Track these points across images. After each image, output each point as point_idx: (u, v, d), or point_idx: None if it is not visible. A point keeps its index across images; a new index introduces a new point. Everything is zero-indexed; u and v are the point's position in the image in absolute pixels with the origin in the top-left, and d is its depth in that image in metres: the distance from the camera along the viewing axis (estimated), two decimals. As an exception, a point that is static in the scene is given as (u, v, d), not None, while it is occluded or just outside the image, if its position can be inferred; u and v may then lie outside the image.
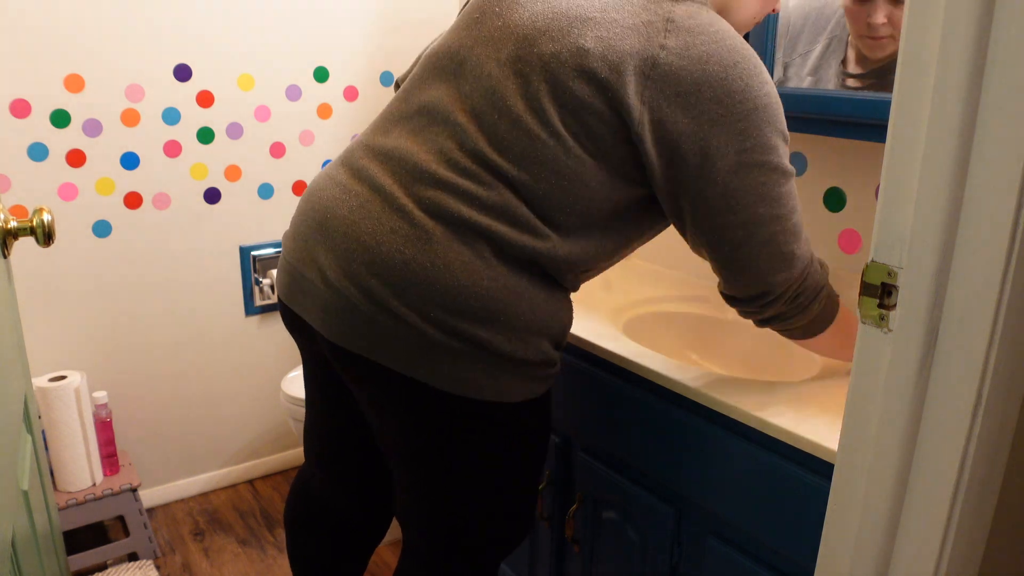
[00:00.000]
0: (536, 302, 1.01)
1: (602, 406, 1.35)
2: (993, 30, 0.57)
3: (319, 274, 1.03)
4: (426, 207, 0.98)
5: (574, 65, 0.96)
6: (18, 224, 0.99)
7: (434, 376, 1.00)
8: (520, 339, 1.01)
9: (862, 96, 1.19)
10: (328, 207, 1.04)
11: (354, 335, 1.00)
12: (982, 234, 0.60)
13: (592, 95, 0.96)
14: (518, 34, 1.00)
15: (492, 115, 0.99)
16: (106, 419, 1.90)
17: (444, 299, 0.96)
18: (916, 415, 0.67)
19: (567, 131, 0.98)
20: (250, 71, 2.07)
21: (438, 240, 0.97)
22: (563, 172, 0.98)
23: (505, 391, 1.04)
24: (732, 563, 1.16)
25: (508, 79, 0.99)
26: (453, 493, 1.13)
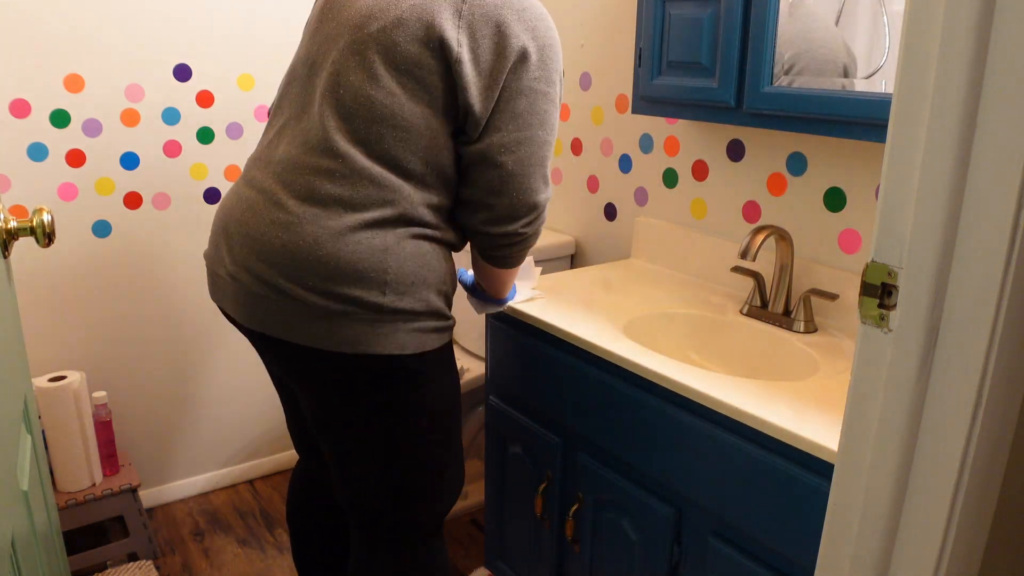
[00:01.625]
0: (403, 256, 1.13)
1: (602, 406, 1.35)
2: (993, 30, 0.57)
3: (225, 270, 1.20)
4: (297, 194, 1.13)
5: (400, 31, 1.12)
6: (18, 224, 0.99)
7: (324, 339, 1.12)
8: (394, 292, 1.13)
9: (862, 96, 1.19)
10: (228, 214, 1.21)
11: (257, 316, 1.16)
12: (982, 234, 0.60)
13: (419, 50, 1.11)
14: (351, 24, 1.16)
15: (338, 92, 1.14)
16: (106, 419, 1.90)
17: (317, 268, 1.10)
18: (916, 415, 0.67)
19: (403, 88, 1.12)
20: (250, 71, 2.07)
21: (308, 220, 1.11)
22: (404, 126, 1.13)
23: (393, 343, 1.14)
24: (732, 563, 1.16)
25: (348, 60, 1.14)
26: (372, 456, 1.22)
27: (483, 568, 1.86)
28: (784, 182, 1.52)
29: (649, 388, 1.25)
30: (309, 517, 1.49)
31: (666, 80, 1.49)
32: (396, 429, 1.21)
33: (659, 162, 1.79)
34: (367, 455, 1.23)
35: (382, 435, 1.21)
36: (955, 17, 0.58)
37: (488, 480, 1.71)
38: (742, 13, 1.32)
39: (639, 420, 1.27)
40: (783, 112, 1.29)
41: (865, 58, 1.31)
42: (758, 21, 1.30)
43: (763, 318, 1.47)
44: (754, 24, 1.30)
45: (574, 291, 1.61)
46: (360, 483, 1.26)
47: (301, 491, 1.50)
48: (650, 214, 1.84)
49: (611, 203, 1.93)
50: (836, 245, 1.45)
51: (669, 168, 1.77)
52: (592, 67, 1.90)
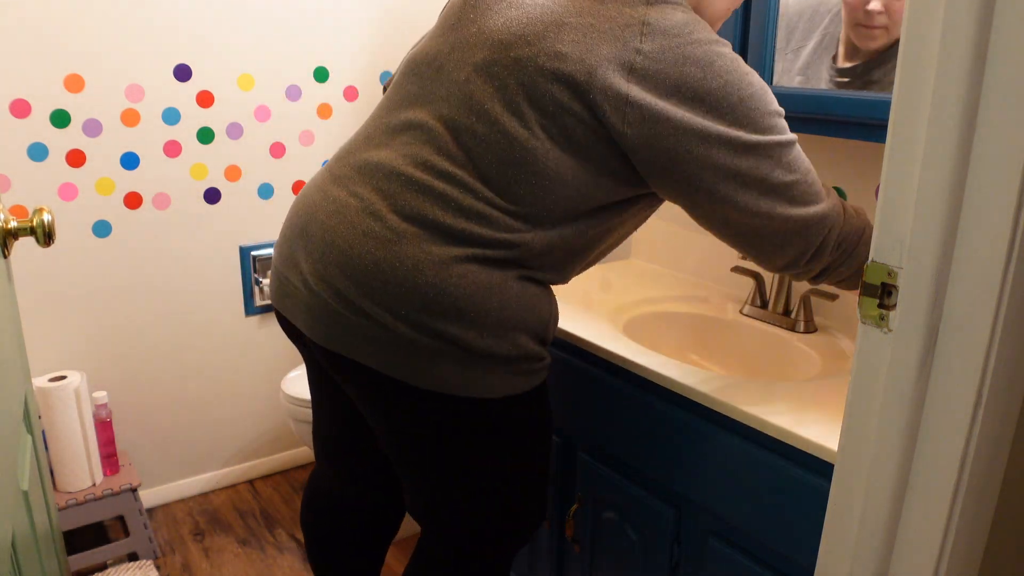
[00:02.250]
0: (507, 298, 1.02)
1: (602, 406, 1.35)
2: (993, 30, 0.57)
3: (300, 277, 1.07)
4: (400, 210, 1.00)
5: (551, 69, 0.97)
6: (18, 224, 0.99)
7: (409, 373, 1.02)
8: (492, 334, 1.02)
9: (862, 96, 1.19)
10: (310, 213, 1.08)
11: (333, 335, 1.03)
12: (982, 234, 0.60)
13: (570, 99, 0.97)
14: (493, 39, 1.02)
15: (468, 118, 1.01)
16: (106, 419, 1.90)
17: (414, 297, 0.98)
18: (916, 415, 0.67)
19: (545, 133, 0.99)
20: (250, 71, 2.07)
21: (409, 241, 0.99)
22: (542, 172, 1.00)
23: (481, 386, 1.04)
24: (732, 563, 1.16)
25: (484, 84, 1.01)
26: (448, 492, 1.14)
27: (483, 568, 1.85)
28: (784, 182, 1.52)
29: (649, 388, 1.25)
30: (329, 525, 1.43)
31: (666, 80, 1.49)
32: (476, 468, 1.12)
33: (659, 162, 1.79)
34: (442, 486, 1.14)
35: (464, 470, 1.12)
36: (955, 17, 0.58)
37: (488, 480, 1.71)
38: (742, 13, 1.32)
39: (639, 420, 1.27)
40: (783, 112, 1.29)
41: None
42: (758, 21, 1.30)
43: (763, 318, 1.47)
44: (754, 24, 1.30)
45: (574, 291, 1.61)
46: (431, 506, 1.18)
47: (320, 499, 1.43)
48: (650, 214, 1.84)
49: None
50: (836, 245, 1.45)
51: (669, 168, 1.76)
52: (592, 67, 1.90)
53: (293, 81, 2.13)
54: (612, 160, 1.00)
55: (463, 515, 1.17)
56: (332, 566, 1.46)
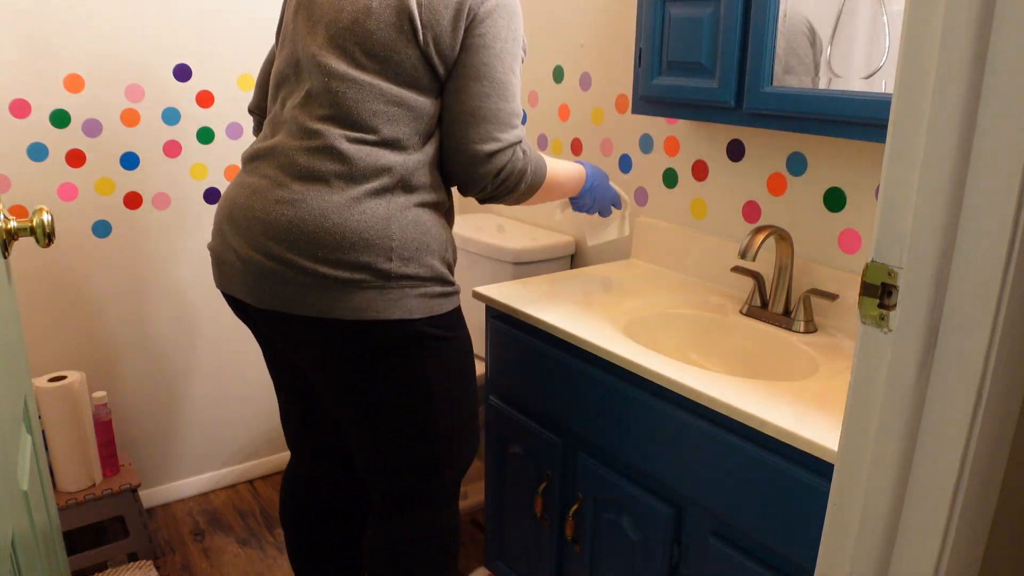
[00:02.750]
0: (405, 223, 1.19)
1: (602, 406, 1.35)
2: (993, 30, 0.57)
3: (234, 254, 1.23)
4: (298, 175, 1.19)
5: (373, 17, 1.19)
6: (18, 224, 0.99)
7: (335, 309, 1.17)
8: (400, 257, 1.18)
9: (862, 96, 1.19)
10: (232, 201, 1.26)
11: (269, 294, 1.20)
12: (982, 234, 0.60)
13: (393, 33, 1.18)
14: (325, 19, 1.23)
15: (325, 81, 1.21)
16: (106, 419, 1.90)
17: (325, 239, 1.15)
18: (916, 415, 0.67)
19: (381, 69, 1.20)
20: (250, 71, 2.07)
21: (312, 196, 1.17)
22: (391, 101, 1.20)
23: (402, 309, 1.19)
24: (732, 563, 1.16)
25: (329, 52, 1.21)
26: (388, 421, 1.27)
27: (483, 568, 1.86)
28: (784, 182, 1.52)
29: (649, 388, 1.25)
30: (303, 515, 1.52)
31: (666, 80, 1.49)
32: (409, 394, 1.25)
33: (659, 162, 1.79)
34: (383, 421, 1.27)
35: (396, 400, 1.25)
36: (955, 17, 0.58)
37: (488, 480, 1.71)
38: (742, 13, 1.32)
39: (639, 420, 1.27)
40: (783, 112, 1.29)
41: (865, 58, 1.30)
42: (758, 21, 1.30)
43: (763, 318, 1.47)
44: (754, 24, 1.30)
45: (574, 291, 1.61)
46: (377, 449, 1.31)
47: (293, 489, 1.52)
48: (650, 214, 1.84)
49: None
50: (836, 245, 1.45)
51: (669, 168, 1.77)
52: (592, 67, 1.90)
53: (293, 81, 2.13)
54: (425, 74, 1.22)
55: (404, 449, 1.29)
56: (309, 553, 1.52)
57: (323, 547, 1.52)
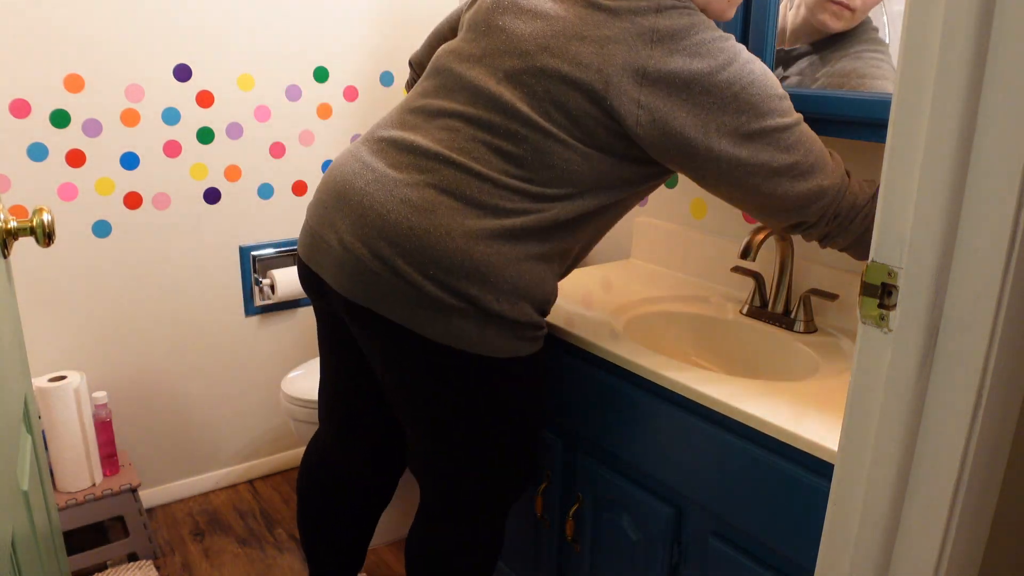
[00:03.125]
0: (522, 270, 1.15)
1: (602, 406, 1.35)
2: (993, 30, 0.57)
3: (336, 237, 1.18)
4: (435, 184, 1.13)
5: (573, 78, 1.10)
6: (18, 224, 0.99)
7: (429, 327, 1.14)
8: (506, 300, 1.14)
9: (862, 96, 1.18)
10: (347, 179, 1.19)
11: (363, 290, 1.15)
12: (982, 234, 0.60)
13: (590, 105, 1.10)
14: (521, 49, 1.15)
15: (500, 117, 1.14)
16: (106, 419, 1.90)
17: (442, 260, 1.11)
18: (916, 415, 0.67)
19: (567, 134, 1.12)
20: (250, 71, 2.07)
21: (443, 212, 1.12)
22: (567, 163, 1.13)
23: (493, 345, 1.17)
24: (732, 563, 1.16)
25: (515, 89, 1.14)
26: (449, 444, 1.26)
27: (483, 568, 1.86)
28: (784, 182, 1.52)
29: (649, 388, 1.25)
30: (319, 487, 1.53)
31: (666, 80, 1.49)
32: (477, 421, 1.24)
33: (659, 162, 1.79)
34: (447, 438, 1.26)
35: (463, 424, 1.24)
36: (955, 17, 0.58)
37: (488, 480, 1.71)
38: (742, 13, 1.32)
39: (639, 420, 1.27)
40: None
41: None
42: (758, 21, 1.30)
43: (763, 318, 1.47)
44: (754, 24, 1.30)
45: (574, 291, 1.61)
46: (436, 461, 1.30)
47: (314, 459, 1.54)
48: (650, 214, 1.84)
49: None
50: (836, 245, 1.45)
51: (669, 168, 1.77)
52: (592, 67, 1.90)
53: (293, 81, 2.13)
54: (633, 149, 1.14)
55: (462, 467, 1.28)
56: (320, 529, 1.54)
57: (332, 521, 1.54)
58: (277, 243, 2.22)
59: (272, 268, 2.22)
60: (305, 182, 2.23)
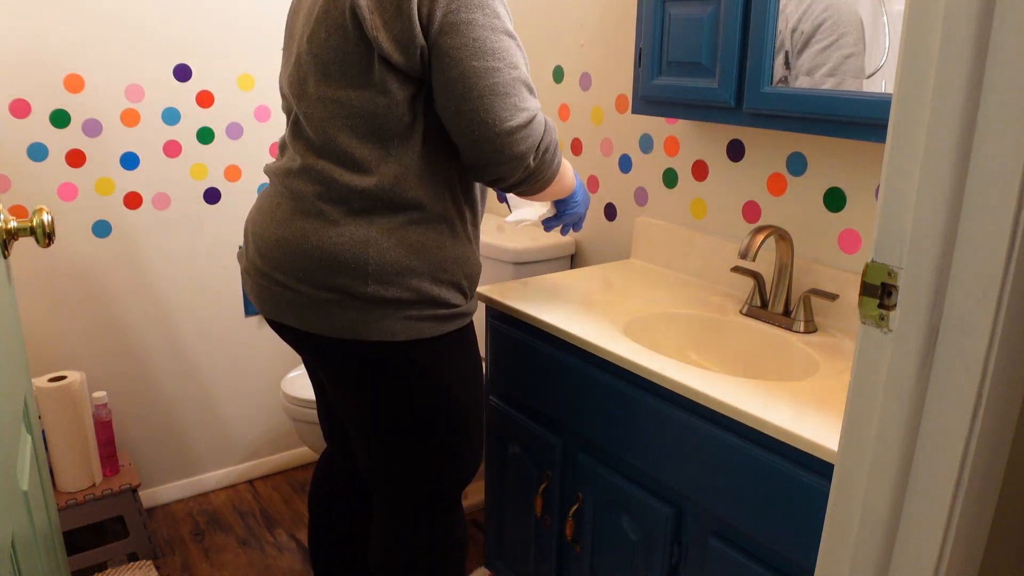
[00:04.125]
0: (385, 247, 1.16)
1: (602, 406, 1.35)
2: (993, 30, 0.57)
3: (249, 265, 1.29)
4: (291, 195, 1.21)
5: (320, 24, 1.14)
6: (18, 224, 0.99)
7: (321, 325, 1.19)
8: (376, 281, 1.16)
9: (862, 96, 1.19)
10: (251, 215, 1.30)
11: (267, 306, 1.25)
12: (982, 234, 0.60)
13: (338, 26, 1.11)
14: (296, 36, 1.22)
15: (302, 113, 1.20)
16: (106, 419, 1.90)
17: (306, 261, 1.17)
18: (916, 415, 0.67)
19: (340, 83, 1.14)
20: (250, 71, 2.07)
21: (299, 217, 1.18)
22: (356, 114, 1.14)
23: (382, 331, 1.18)
24: (732, 563, 1.16)
25: (296, 73, 1.20)
26: (387, 435, 1.28)
27: (483, 568, 1.86)
28: (784, 182, 1.52)
29: (649, 388, 1.25)
30: (329, 503, 1.56)
31: (666, 80, 1.49)
32: (400, 414, 1.25)
33: (659, 162, 1.79)
34: (382, 434, 1.28)
35: (392, 417, 1.26)
36: (955, 17, 0.58)
37: (488, 480, 1.71)
38: (742, 13, 1.32)
39: (639, 420, 1.27)
40: (783, 112, 1.29)
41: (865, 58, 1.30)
42: (758, 21, 1.30)
43: (763, 318, 1.47)
44: (754, 24, 1.30)
45: (574, 291, 1.61)
46: (377, 460, 1.32)
47: (323, 477, 1.57)
48: (650, 214, 1.84)
49: (611, 203, 1.93)
50: (836, 245, 1.45)
51: (669, 168, 1.77)
52: (592, 67, 1.90)
53: (293, 81, 2.13)
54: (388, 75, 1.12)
55: (403, 463, 1.30)
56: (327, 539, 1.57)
57: (341, 534, 1.56)
58: (277, 243, 2.22)
59: (272, 268, 2.22)
60: (305, 182, 2.23)
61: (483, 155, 1.14)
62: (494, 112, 1.10)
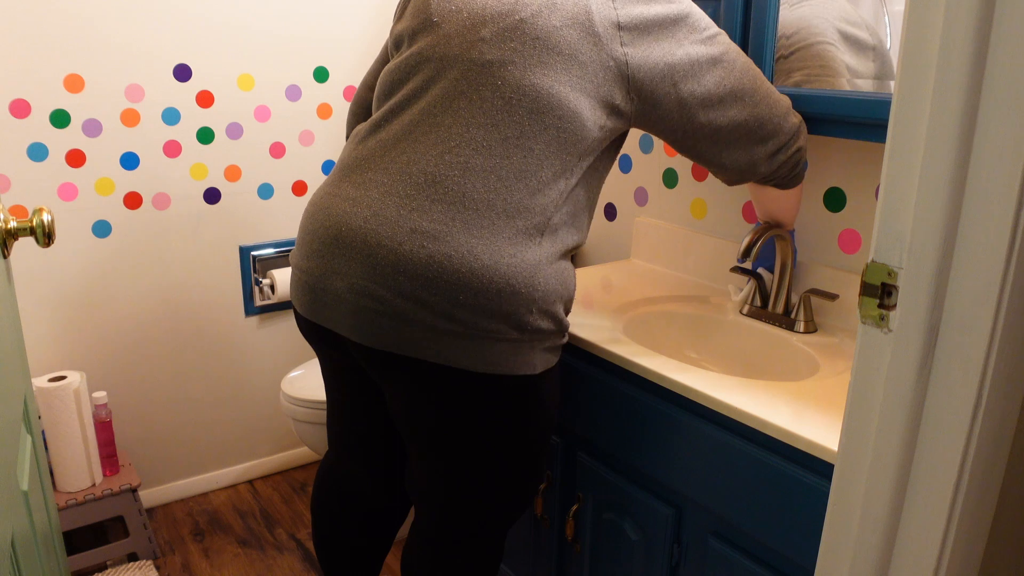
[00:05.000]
0: (549, 273, 1.09)
1: (602, 406, 1.35)
2: (993, 30, 0.57)
3: (346, 284, 1.08)
4: (442, 200, 1.04)
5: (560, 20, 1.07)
6: (18, 224, 0.99)
7: (462, 359, 1.06)
8: (540, 311, 1.08)
9: (862, 96, 1.19)
10: (341, 221, 1.09)
11: (390, 336, 1.06)
12: (982, 234, 0.60)
13: (578, 38, 1.07)
14: (489, 13, 1.10)
15: (490, 92, 1.07)
16: (106, 419, 1.90)
17: (470, 282, 1.03)
18: (916, 415, 0.67)
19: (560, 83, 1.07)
20: (250, 71, 2.07)
21: (458, 231, 1.03)
22: (562, 124, 1.07)
23: (528, 364, 1.11)
24: (732, 563, 1.16)
25: (502, 50, 1.07)
26: (470, 462, 1.19)
27: (483, 568, 1.85)
28: (784, 182, 1.52)
29: (649, 388, 1.25)
30: (332, 510, 1.48)
31: (666, 80, 1.49)
32: (507, 441, 1.18)
33: (659, 162, 1.79)
34: (466, 461, 1.19)
35: (490, 446, 1.17)
36: (955, 17, 0.58)
37: (488, 480, 1.71)
38: (742, 13, 1.32)
39: (639, 420, 1.27)
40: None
41: (865, 58, 1.30)
42: (758, 21, 1.30)
43: (763, 318, 1.47)
44: (754, 24, 1.30)
45: (574, 291, 1.61)
46: (446, 486, 1.22)
47: (325, 484, 1.48)
48: (650, 214, 1.84)
49: (611, 203, 1.93)
50: (836, 245, 1.45)
51: (669, 168, 1.77)
52: (592, 67, 1.90)
53: (293, 81, 2.13)
54: (599, 108, 1.10)
55: (477, 488, 1.22)
56: (337, 554, 1.50)
57: (347, 541, 1.50)
58: (277, 243, 2.22)
59: (272, 268, 2.22)
60: (305, 182, 2.23)
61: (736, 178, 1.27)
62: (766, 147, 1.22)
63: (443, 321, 1.03)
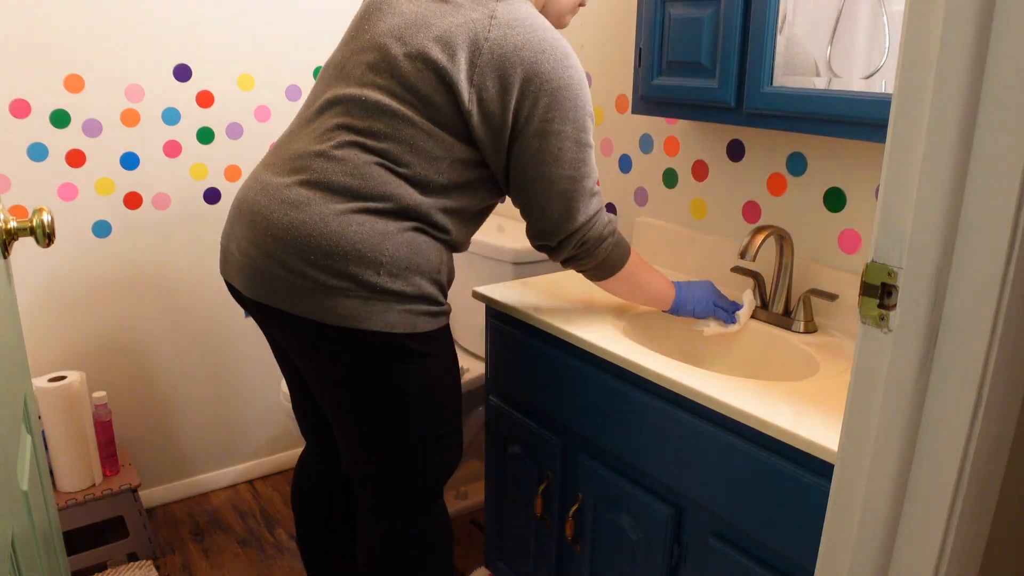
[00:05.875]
0: (399, 243, 1.21)
1: (602, 406, 1.35)
2: (993, 30, 0.57)
3: (237, 245, 1.29)
4: (307, 181, 1.22)
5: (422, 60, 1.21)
6: (18, 224, 0.99)
7: (321, 312, 1.20)
8: (388, 273, 1.20)
9: (862, 96, 1.18)
10: (244, 197, 1.30)
11: (262, 289, 1.24)
12: (982, 234, 0.60)
13: (435, 81, 1.21)
14: (378, 42, 1.26)
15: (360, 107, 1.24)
16: (106, 419, 1.90)
17: (321, 244, 1.19)
18: (916, 415, 0.67)
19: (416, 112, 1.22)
20: (250, 71, 2.07)
21: (316, 202, 1.20)
22: (418, 143, 1.22)
23: (383, 322, 1.22)
24: (732, 563, 1.16)
25: (375, 77, 1.24)
26: (370, 427, 1.31)
27: (483, 568, 1.86)
28: (784, 182, 1.52)
29: (649, 388, 1.25)
30: (311, 500, 1.57)
31: (666, 80, 1.49)
32: (387, 402, 1.28)
33: (659, 162, 1.79)
34: (366, 426, 1.31)
35: (374, 407, 1.29)
36: (955, 17, 0.58)
37: (488, 480, 1.71)
38: (742, 13, 1.32)
39: (639, 420, 1.27)
40: (783, 112, 1.29)
41: (865, 58, 1.30)
42: (758, 21, 1.30)
43: (763, 318, 1.47)
44: (754, 24, 1.30)
45: (574, 291, 1.61)
46: (360, 452, 1.34)
47: (303, 474, 1.58)
48: (650, 214, 1.84)
49: (611, 203, 1.93)
50: (836, 245, 1.45)
51: (669, 168, 1.77)
52: (592, 67, 1.90)
53: (293, 81, 2.13)
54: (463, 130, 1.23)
55: (388, 452, 1.33)
56: (316, 541, 1.57)
57: (328, 532, 1.56)
58: (277, 243, 2.22)
59: (272, 268, 2.22)
60: (305, 182, 2.23)
61: (541, 236, 1.33)
62: (560, 212, 1.28)
63: (299, 279, 1.20)
